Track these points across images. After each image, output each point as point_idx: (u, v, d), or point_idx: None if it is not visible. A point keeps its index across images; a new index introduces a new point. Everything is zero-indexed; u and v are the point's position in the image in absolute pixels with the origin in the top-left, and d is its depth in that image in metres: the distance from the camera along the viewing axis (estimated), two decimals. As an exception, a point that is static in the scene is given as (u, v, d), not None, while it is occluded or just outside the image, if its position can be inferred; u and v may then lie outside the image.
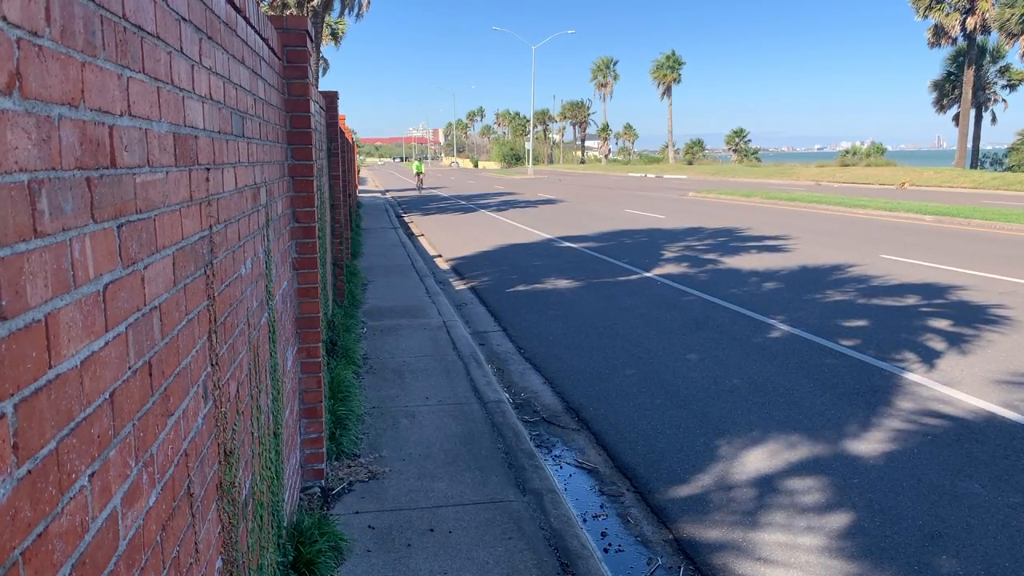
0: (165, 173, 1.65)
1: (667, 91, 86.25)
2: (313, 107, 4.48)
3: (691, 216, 23.64)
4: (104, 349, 1.25)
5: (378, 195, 39.07)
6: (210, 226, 2.10)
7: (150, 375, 1.51)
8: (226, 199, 2.34)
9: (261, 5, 25.71)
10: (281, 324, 3.53)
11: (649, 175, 64.74)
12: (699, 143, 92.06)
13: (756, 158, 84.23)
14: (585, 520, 4.32)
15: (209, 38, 2.11)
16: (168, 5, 1.67)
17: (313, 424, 4.28)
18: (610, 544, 4.08)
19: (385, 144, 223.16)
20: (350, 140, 18.40)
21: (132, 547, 1.38)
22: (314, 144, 4.34)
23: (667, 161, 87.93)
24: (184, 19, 1.81)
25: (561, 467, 5.08)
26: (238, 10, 2.57)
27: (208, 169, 2.09)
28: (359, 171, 46.62)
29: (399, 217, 24.99)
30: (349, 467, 4.62)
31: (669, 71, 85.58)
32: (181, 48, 1.79)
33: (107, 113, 1.28)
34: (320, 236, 4.98)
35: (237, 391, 2.45)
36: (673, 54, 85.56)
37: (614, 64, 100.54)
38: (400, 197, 37.99)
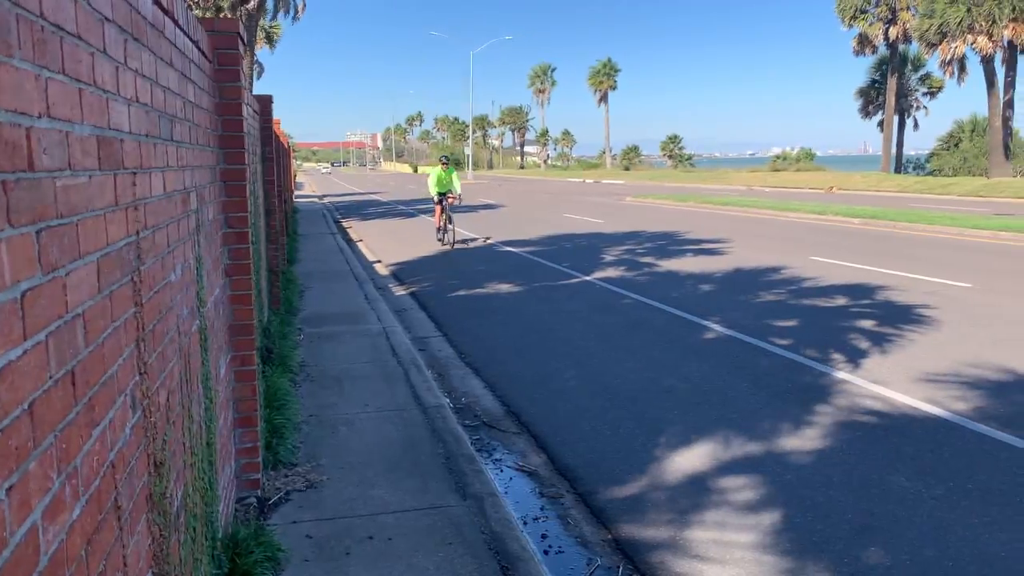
0: (88, 177, 1.60)
1: (604, 98, 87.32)
2: (246, 111, 4.41)
3: (629, 220, 23.94)
4: (23, 358, 1.21)
5: (315, 200, 38.59)
6: (137, 231, 2.05)
7: (73, 384, 1.47)
8: (154, 204, 2.29)
9: (193, 8, 25.18)
10: (214, 332, 3.46)
11: (588, 180, 65.38)
12: (635, 149, 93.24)
13: (691, 163, 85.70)
14: (526, 523, 4.33)
15: (135, 39, 2.06)
16: (90, 5, 1.63)
17: (248, 433, 4.20)
18: (550, 546, 4.10)
19: (323, 148, 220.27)
20: (285, 145, 18.16)
21: (54, 563, 1.33)
22: (247, 148, 4.27)
23: (605, 166, 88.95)
24: (107, 19, 1.77)
25: (502, 471, 5.09)
26: (165, 11, 2.51)
27: (135, 173, 2.04)
28: (295, 176, 45.32)
29: (337, 222, 24.72)
30: (286, 476, 4.55)
31: (605, 78, 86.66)
32: (105, 49, 1.74)
33: (24, 114, 1.24)
34: (254, 242, 4.90)
35: (167, 400, 2.39)
36: (609, 61, 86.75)
37: (552, 70, 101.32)
38: (338, 202, 37.57)
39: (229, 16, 25.41)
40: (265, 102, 8.60)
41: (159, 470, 2.19)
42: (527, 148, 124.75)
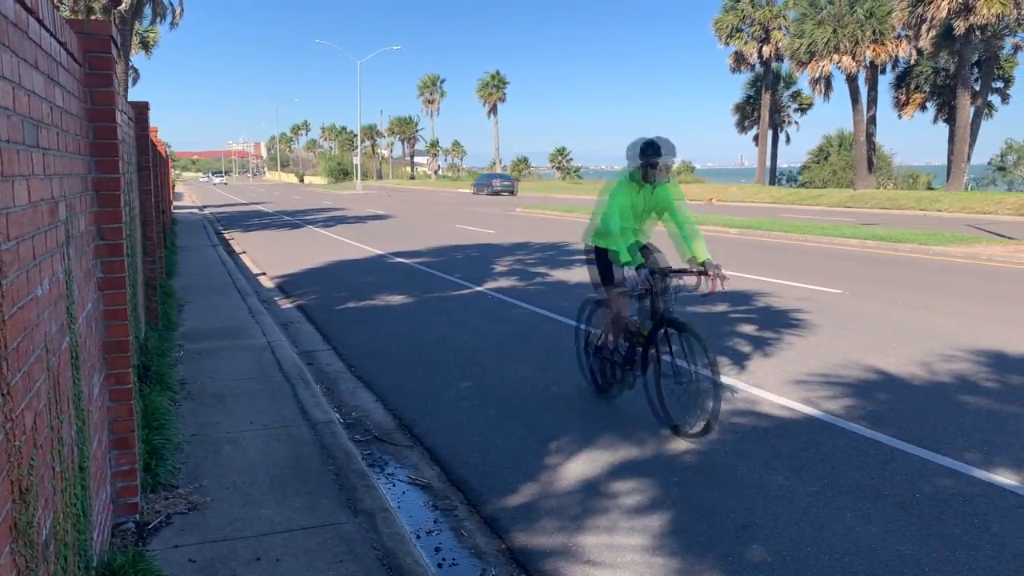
0: (-59, 185, 1.49)
1: (493, 109, 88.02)
2: (120, 117, 4.22)
3: (520, 231, 24.17)
4: None
5: (196, 211, 37.24)
6: (-2, 243, 1.92)
7: (-75, 409, 1.36)
8: (17, 214, 2.16)
9: (61, 9, 23.93)
10: (86, 349, 3.28)
11: (478, 191, 65.56)
12: (525, 160, 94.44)
13: (578, 175, 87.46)
14: (419, 537, 4.29)
15: (-6, 39, 1.94)
16: (-57, 1, 1.52)
17: (125, 455, 4.00)
18: (444, 559, 4.08)
19: (203, 158, 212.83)
20: (163, 153, 17.48)
21: (-96, 602, 1.23)
22: (121, 156, 4.09)
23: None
24: (-37, 17, 1.66)
25: (394, 485, 5.03)
26: (29, 10, 2.38)
27: (-5, 181, 1.92)
28: (174, 186, 43.57)
29: (219, 234, 23.91)
30: (167, 499, 4.35)
31: (494, 90, 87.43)
32: (-41, 48, 1.63)
33: None
34: (129, 254, 4.68)
35: (34, 423, 2.25)
36: (498, 73, 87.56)
37: (441, 81, 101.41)
38: (219, 213, 36.38)
39: (101, 19, 24.27)
40: (141, 109, 8.26)
41: (25, 497, 2.05)
42: (417, 159, 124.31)
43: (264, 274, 15.04)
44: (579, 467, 5.15)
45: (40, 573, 2.19)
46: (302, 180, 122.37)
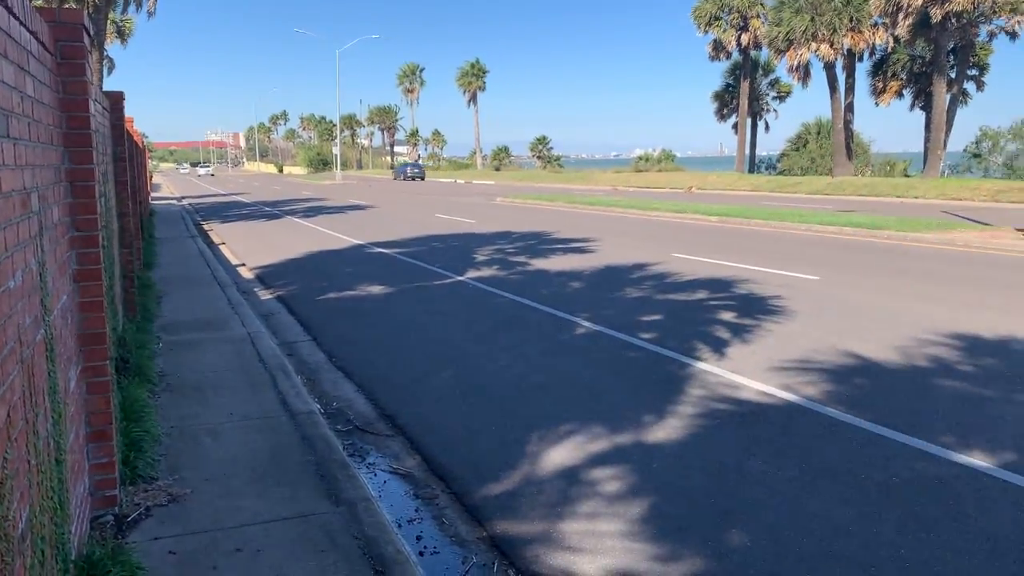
0: (-92, 175, 1.47)
1: (473, 98, 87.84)
2: (94, 107, 4.18)
3: (500, 220, 24.15)
4: None
5: (174, 202, 36.92)
6: (-32, 235, 1.90)
7: None
8: (-12, 205, 2.13)
9: (33, -3, 23.59)
10: (61, 341, 3.25)
11: (459, 181, 65.54)
12: (505, 150, 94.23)
13: (559, 164, 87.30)
14: (400, 526, 4.30)
15: (-39, 27, 1.91)
16: (-94, -12, 1.50)
17: (103, 448, 3.97)
18: (426, 547, 4.09)
19: (181, 148, 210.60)
20: (140, 144, 17.29)
21: None
22: (95, 147, 4.04)
23: (475, 167, 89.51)
24: (-72, 5, 1.63)
25: (375, 474, 5.03)
26: (-3, -2, 2.34)
27: (-36, 172, 1.89)
28: (152, 177, 43.11)
29: (197, 225, 23.73)
30: (146, 491, 4.33)
31: (474, 79, 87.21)
32: (-75, 37, 1.61)
33: None
34: (105, 245, 4.63)
35: (8, 416, 2.23)
36: (478, 62, 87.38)
37: (420, 70, 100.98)
38: (198, 204, 36.07)
39: (73, 7, 23.93)
40: (116, 99, 8.17)
41: (0, 491, 2.04)
42: (397, 148, 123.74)
43: (244, 265, 14.95)
44: (560, 455, 5.17)
45: (16, 566, 2.18)
46: (281, 170, 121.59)
